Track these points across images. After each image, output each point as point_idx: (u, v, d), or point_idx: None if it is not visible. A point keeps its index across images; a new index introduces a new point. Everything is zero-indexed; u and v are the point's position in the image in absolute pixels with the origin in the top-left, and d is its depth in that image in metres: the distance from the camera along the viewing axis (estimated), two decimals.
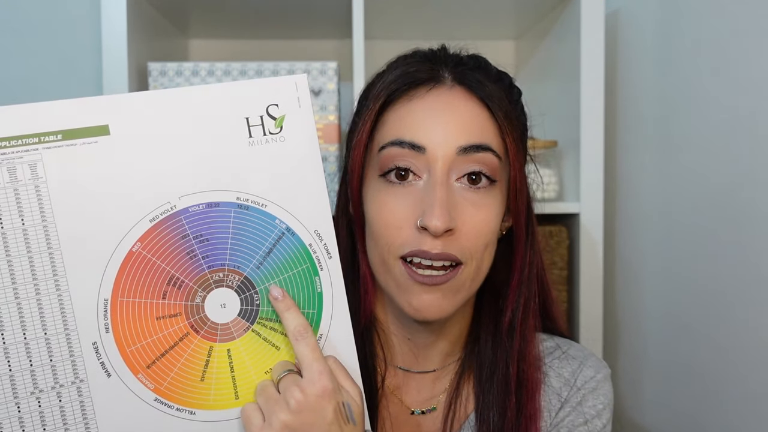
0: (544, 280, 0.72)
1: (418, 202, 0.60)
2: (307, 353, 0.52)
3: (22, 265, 0.48)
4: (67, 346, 0.50)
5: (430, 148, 0.60)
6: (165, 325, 0.51)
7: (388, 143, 0.62)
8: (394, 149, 0.61)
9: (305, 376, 0.51)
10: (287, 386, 0.51)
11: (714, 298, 0.93)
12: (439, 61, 0.65)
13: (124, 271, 0.50)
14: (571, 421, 0.66)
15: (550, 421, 0.66)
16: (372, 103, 0.64)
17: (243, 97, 0.52)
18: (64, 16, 1.28)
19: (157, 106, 0.50)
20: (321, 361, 0.52)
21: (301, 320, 0.53)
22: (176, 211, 0.51)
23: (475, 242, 0.60)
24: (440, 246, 0.58)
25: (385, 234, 0.61)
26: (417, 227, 0.59)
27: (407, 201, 0.60)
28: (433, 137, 0.60)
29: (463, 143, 0.60)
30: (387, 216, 0.61)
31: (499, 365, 0.66)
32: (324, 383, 0.51)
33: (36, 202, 0.49)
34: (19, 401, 0.49)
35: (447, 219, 0.57)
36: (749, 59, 0.85)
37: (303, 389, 0.50)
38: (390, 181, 0.61)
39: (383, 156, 0.62)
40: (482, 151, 0.60)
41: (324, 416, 0.50)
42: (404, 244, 0.60)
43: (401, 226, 0.60)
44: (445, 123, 0.60)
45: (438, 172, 0.59)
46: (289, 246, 0.54)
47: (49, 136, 0.48)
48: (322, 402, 0.50)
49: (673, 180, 1.04)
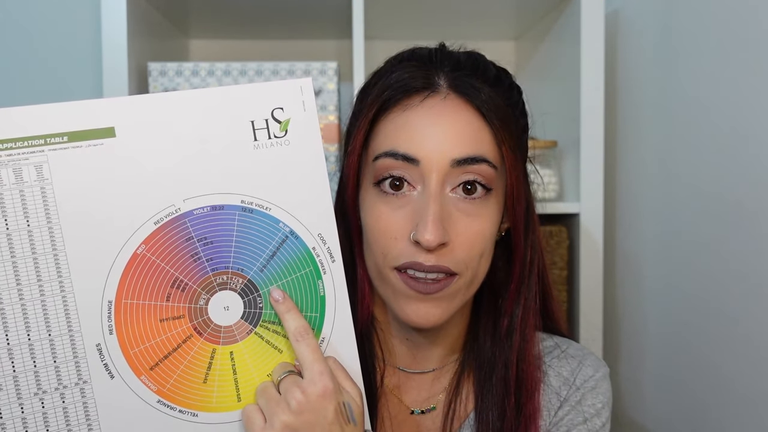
0: (546, 280, 0.72)
1: (412, 214, 0.60)
2: (308, 354, 0.52)
3: (27, 267, 0.48)
4: (71, 348, 0.50)
5: (425, 160, 0.59)
6: (168, 327, 0.51)
7: (382, 153, 0.61)
8: (388, 160, 0.61)
9: (306, 376, 0.51)
10: (288, 387, 0.51)
11: (714, 298, 0.93)
12: (435, 66, 0.64)
13: (128, 273, 0.50)
14: (570, 420, 0.66)
15: (549, 420, 0.67)
16: (366, 110, 0.64)
17: (248, 100, 0.52)
18: (64, 16, 1.28)
19: (162, 108, 0.50)
20: (321, 361, 0.52)
21: (302, 322, 0.53)
22: (181, 213, 0.51)
23: (470, 253, 0.60)
24: (434, 259, 0.58)
25: (381, 244, 0.61)
26: (411, 240, 0.59)
27: (402, 213, 0.60)
28: (427, 150, 0.59)
29: (457, 156, 0.59)
30: (382, 227, 0.61)
31: (498, 365, 0.66)
32: (325, 383, 0.51)
33: (41, 203, 0.49)
34: (22, 402, 0.49)
35: (440, 234, 0.57)
36: (749, 59, 0.85)
37: (304, 390, 0.50)
38: (385, 192, 0.61)
39: (378, 166, 0.62)
40: (477, 163, 0.60)
41: (325, 416, 0.50)
42: (399, 256, 0.60)
43: (396, 236, 0.60)
44: (439, 135, 0.60)
45: (432, 185, 0.59)
46: (292, 249, 0.54)
47: (55, 138, 0.48)
48: (323, 402, 0.50)
49: (673, 180, 1.04)
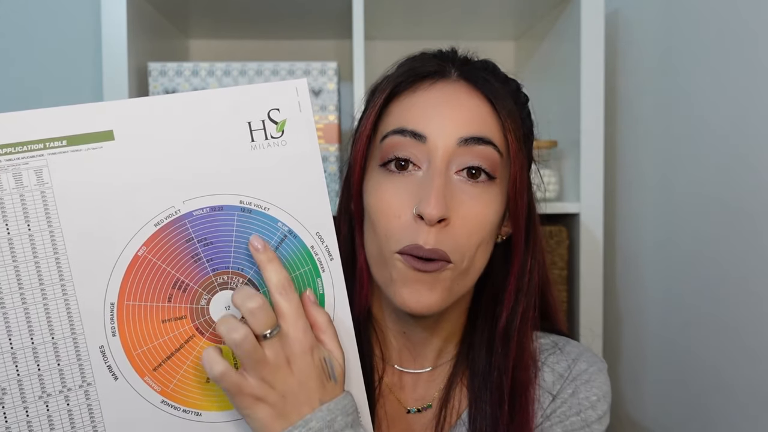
0: (547, 286, 0.72)
1: (416, 190, 0.60)
2: (290, 310, 0.51)
3: (28, 271, 0.48)
4: (74, 350, 0.50)
5: (431, 137, 0.60)
6: (171, 328, 0.52)
7: (390, 131, 0.63)
8: (396, 138, 0.62)
9: (289, 332, 0.50)
10: (271, 343, 0.50)
11: (713, 298, 0.93)
12: (446, 58, 0.67)
13: (129, 275, 0.50)
14: (563, 412, 0.66)
15: (540, 413, 0.66)
16: (377, 97, 0.66)
17: (245, 101, 0.52)
18: (64, 16, 1.28)
19: (160, 111, 0.50)
20: (303, 317, 0.51)
21: (284, 274, 0.52)
22: (181, 215, 0.51)
23: (469, 239, 0.60)
24: (433, 240, 0.58)
25: (383, 222, 0.61)
26: (414, 216, 0.59)
27: (406, 189, 0.61)
28: (435, 127, 0.61)
29: (464, 134, 0.61)
30: (385, 204, 0.61)
31: (492, 373, 0.66)
32: (309, 339, 0.51)
33: (42, 207, 0.49)
34: (27, 405, 0.49)
35: (442, 207, 0.57)
36: (749, 59, 0.86)
37: (285, 344, 0.50)
38: (390, 171, 0.62)
39: (385, 145, 0.63)
40: (483, 144, 0.61)
41: (308, 373, 0.50)
42: (401, 238, 0.60)
43: (399, 214, 0.60)
44: (448, 114, 0.61)
45: (437, 162, 0.60)
46: (291, 248, 0.54)
47: (54, 142, 0.49)
48: (305, 358, 0.50)
49: (673, 180, 1.05)
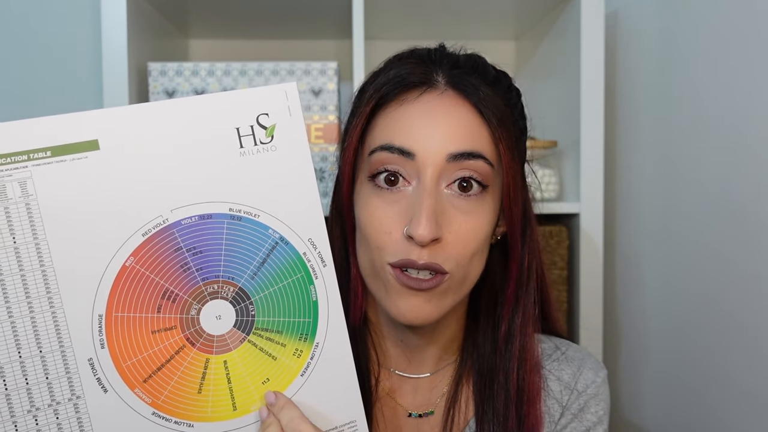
0: (545, 286, 0.71)
1: (406, 209, 0.59)
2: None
3: (15, 284, 0.48)
4: (62, 363, 0.50)
5: (420, 154, 0.59)
6: (161, 338, 0.51)
7: (378, 147, 0.61)
8: (384, 154, 0.60)
9: None
10: None
11: (714, 298, 0.93)
12: (433, 63, 0.64)
13: (117, 286, 0.50)
14: (573, 428, 0.66)
15: (552, 428, 0.66)
16: (364, 105, 0.63)
17: (233, 107, 0.51)
18: (64, 16, 1.28)
19: (145, 119, 0.50)
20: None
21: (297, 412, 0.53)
22: (169, 224, 0.51)
23: (463, 251, 0.59)
24: (426, 256, 0.57)
25: (374, 236, 0.60)
26: (405, 235, 0.58)
27: (397, 207, 0.59)
28: (423, 143, 0.59)
29: (453, 150, 0.58)
30: (377, 221, 0.60)
31: (498, 374, 0.65)
32: None
33: (27, 219, 0.48)
34: (16, 420, 0.49)
35: (433, 229, 0.56)
36: (749, 59, 0.85)
37: None
38: (379, 186, 0.61)
39: (373, 160, 0.61)
40: (473, 159, 0.59)
41: None
42: (394, 252, 0.59)
43: (390, 230, 0.59)
44: (436, 129, 0.59)
45: (427, 179, 0.58)
46: (283, 255, 0.53)
47: (38, 153, 0.48)
48: None
49: (673, 180, 1.04)
